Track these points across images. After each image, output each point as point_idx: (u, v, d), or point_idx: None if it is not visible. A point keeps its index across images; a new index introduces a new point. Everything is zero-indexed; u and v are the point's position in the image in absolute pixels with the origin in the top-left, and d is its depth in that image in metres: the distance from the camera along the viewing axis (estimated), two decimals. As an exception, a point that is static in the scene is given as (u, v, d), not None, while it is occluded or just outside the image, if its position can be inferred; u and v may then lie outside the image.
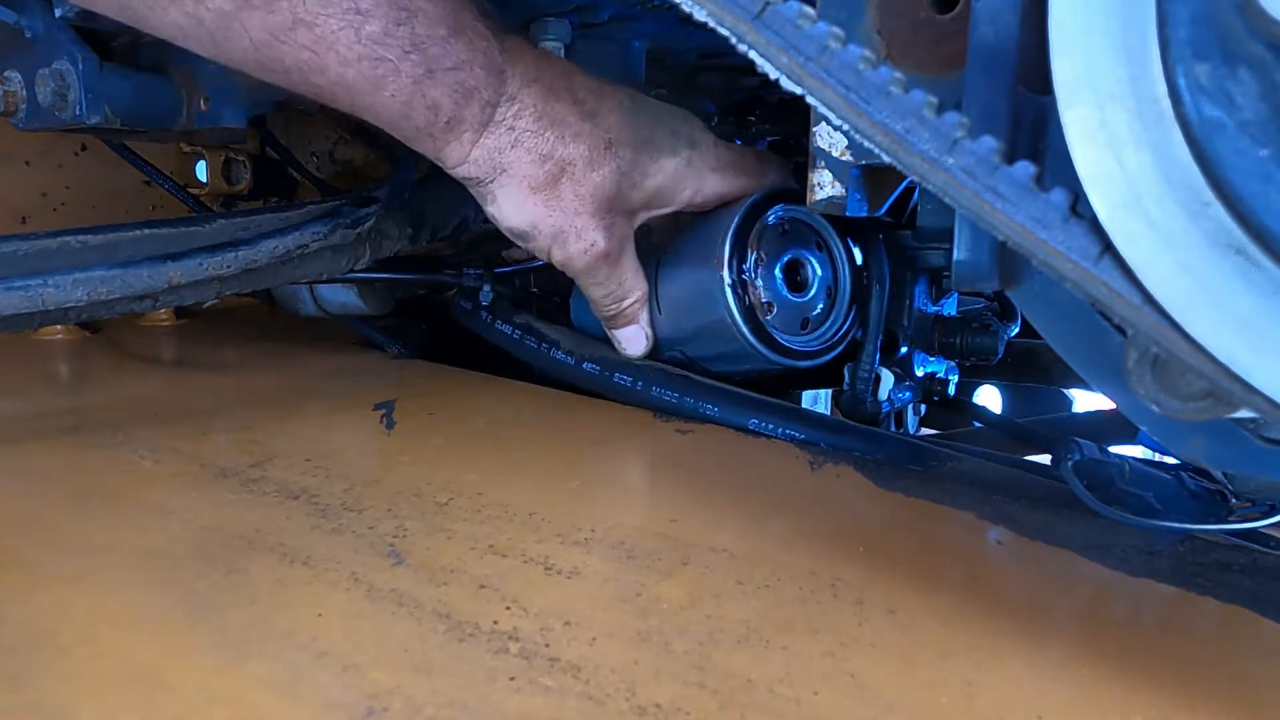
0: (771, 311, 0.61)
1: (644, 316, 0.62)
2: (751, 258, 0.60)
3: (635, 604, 0.35)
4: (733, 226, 0.59)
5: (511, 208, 0.54)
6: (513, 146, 0.52)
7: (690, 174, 0.59)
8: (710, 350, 0.63)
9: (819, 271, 0.64)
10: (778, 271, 0.62)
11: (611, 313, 0.61)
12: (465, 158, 0.52)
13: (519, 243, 0.57)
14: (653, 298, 0.64)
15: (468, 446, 0.54)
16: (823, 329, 0.64)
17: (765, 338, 0.60)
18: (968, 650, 0.32)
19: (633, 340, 0.63)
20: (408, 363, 0.77)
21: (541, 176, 0.53)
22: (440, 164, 0.54)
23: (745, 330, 0.59)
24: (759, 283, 0.60)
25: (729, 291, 0.59)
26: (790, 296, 0.63)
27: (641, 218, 0.60)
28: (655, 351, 0.64)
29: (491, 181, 0.53)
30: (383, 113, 0.48)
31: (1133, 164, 0.24)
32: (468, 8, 0.49)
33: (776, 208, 0.62)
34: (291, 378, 0.73)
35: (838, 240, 0.65)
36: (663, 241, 0.65)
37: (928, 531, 0.43)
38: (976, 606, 0.36)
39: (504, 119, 0.51)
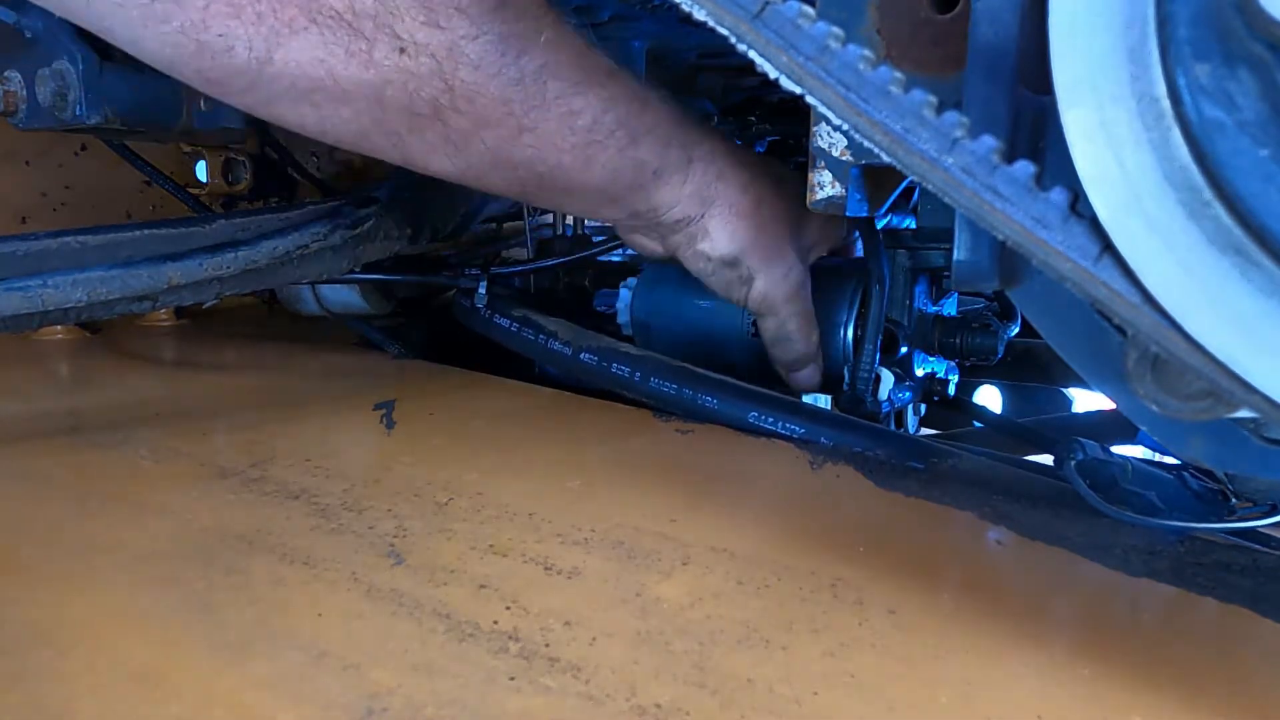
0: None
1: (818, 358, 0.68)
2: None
3: (635, 604, 0.35)
4: (858, 302, 0.66)
5: (724, 235, 0.60)
6: (718, 179, 0.59)
7: (831, 219, 0.66)
8: None
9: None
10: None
11: (799, 352, 0.65)
12: (680, 197, 0.59)
13: (724, 275, 0.62)
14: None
15: (468, 446, 0.54)
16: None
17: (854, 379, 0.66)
18: (968, 650, 0.32)
19: (811, 378, 0.67)
20: (408, 363, 0.77)
21: (747, 203, 0.60)
22: (651, 215, 0.59)
23: (848, 377, 0.65)
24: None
25: (850, 345, 0.66)
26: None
27: (808, 261, 0.66)
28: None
29: (703, 216, 0.60)
30: (594, 181, 0.55)
31: (1133, 164, 0.24)
32: (647, 83, 0.57)
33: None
34: (291, 378, 0.73)
35: None
36: None
37: (928, 531, 0.43)
38: (976, 606, 0.36)
39: (702, 158, 0.59)
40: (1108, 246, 0.25)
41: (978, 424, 0.83)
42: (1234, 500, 0.47)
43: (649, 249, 0.63)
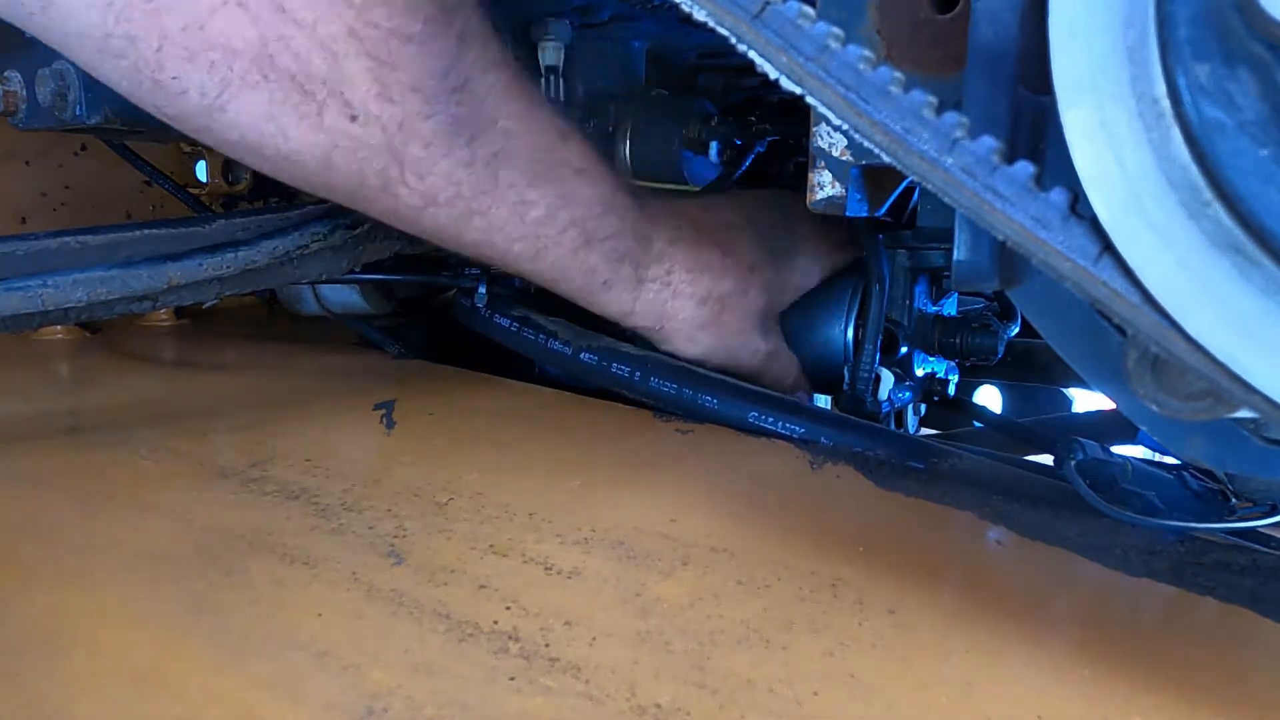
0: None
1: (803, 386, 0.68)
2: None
3: (635, 604, 0.35)
4: (857, 306, 0.66)
5: (685, 344, 0.61)
6: (673, 298, 0.59)
7: (817, 263, 0.67)
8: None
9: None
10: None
11: (781, 388, 0.65)
12: (630, 311, 0.59)
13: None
14: None
15: (468, 446, 0.54)
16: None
17: (854, 379, 0.66)
18: (968, 650, 0.32)
19: (800, 400, 0.67)
20: (408, 363, 0.77)
21: (705, 315, 0.60)
22: (606, 316, 0.61)
23: (848, 377, 0.65)
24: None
25: (850, 351, 0.66)
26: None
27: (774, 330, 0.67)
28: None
29: (660, 329, 0.61)
30: (544, 274, 0.56)
31: (1132, 164, 0.24)
32: (619, 186, 0.56)
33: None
34: (291, 378, 0.73)
35: None
36: None
37: (928, 531, 0.43)
38: (976, 606, 0.36)
39: (658, 276, 0.59)
40: (1107, 246, 0.25)
41: (978, 424, 0.83)
42: (1234, 500, 0.47)
43: None
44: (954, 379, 0.75)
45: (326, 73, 0.44)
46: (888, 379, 0.65)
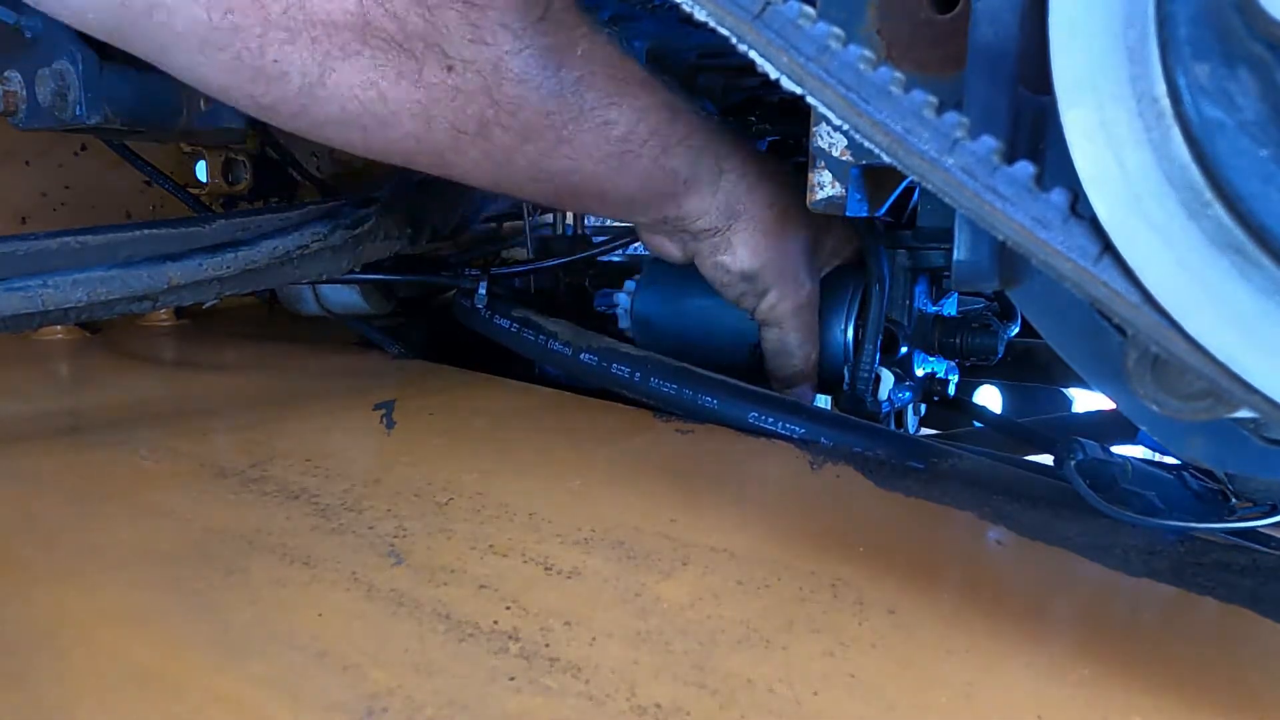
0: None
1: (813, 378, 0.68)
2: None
3: (635, 604, 0.35)
4: (857, 302, 0.67)
5: (746, 250, 0.61)
6: (748, 192, 0.60)
7: (848, 237, 0.68)
8: None
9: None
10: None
11: (796, 368, 0.65)
12: (709, 207, 0.60)
13: (739, 287, 0.63)
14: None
15: (468, 446, 0.54)
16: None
17: (854, 379, 0.66)
18: (968, 650, 0.32)
19: (805, 395, 0.67)
20: (408, 363, 0.77)
21: (772, 219, 0.61)
22: (679, 222, 0.61)
23: (848, 377, 0.66)
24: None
25: (850, 351, 0.66)
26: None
27: (820, 276, 0.67)
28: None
29: (729, 229, 0.61)
30: (625, 189, 0.57)
31: (1133, 164, 0.24)
32: (675, 91, 0.57)
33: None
34: (291, 378, 0.73)
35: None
36: None
37: (928, 531, 0.43)
38: (976, 606, 0.36)
39: (735, 167, 0.60)
40: (1107, 246, 0.25)
41: (978, 424, 0.83)
42: (1234, 500, 0.47)
43: (668, 252, 0.64)
44: (954, 379, 0.75)
45: (423, 28, 0.45)
46: (888, 379, 0.65)
